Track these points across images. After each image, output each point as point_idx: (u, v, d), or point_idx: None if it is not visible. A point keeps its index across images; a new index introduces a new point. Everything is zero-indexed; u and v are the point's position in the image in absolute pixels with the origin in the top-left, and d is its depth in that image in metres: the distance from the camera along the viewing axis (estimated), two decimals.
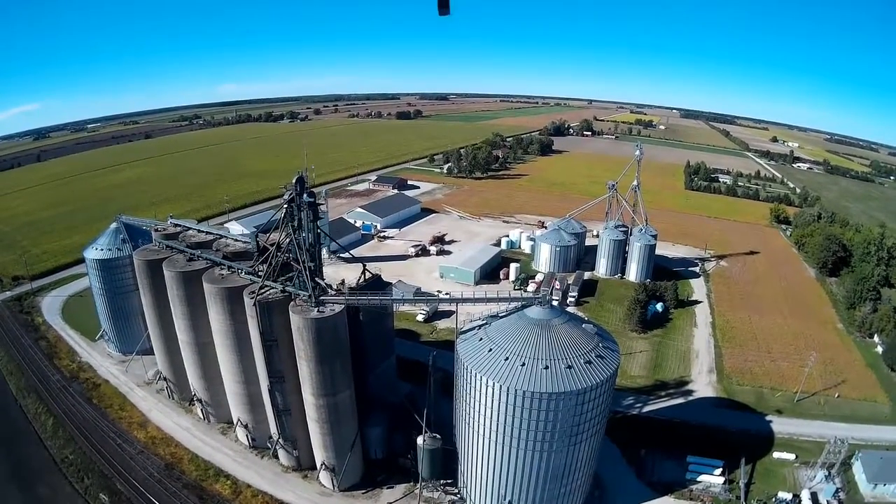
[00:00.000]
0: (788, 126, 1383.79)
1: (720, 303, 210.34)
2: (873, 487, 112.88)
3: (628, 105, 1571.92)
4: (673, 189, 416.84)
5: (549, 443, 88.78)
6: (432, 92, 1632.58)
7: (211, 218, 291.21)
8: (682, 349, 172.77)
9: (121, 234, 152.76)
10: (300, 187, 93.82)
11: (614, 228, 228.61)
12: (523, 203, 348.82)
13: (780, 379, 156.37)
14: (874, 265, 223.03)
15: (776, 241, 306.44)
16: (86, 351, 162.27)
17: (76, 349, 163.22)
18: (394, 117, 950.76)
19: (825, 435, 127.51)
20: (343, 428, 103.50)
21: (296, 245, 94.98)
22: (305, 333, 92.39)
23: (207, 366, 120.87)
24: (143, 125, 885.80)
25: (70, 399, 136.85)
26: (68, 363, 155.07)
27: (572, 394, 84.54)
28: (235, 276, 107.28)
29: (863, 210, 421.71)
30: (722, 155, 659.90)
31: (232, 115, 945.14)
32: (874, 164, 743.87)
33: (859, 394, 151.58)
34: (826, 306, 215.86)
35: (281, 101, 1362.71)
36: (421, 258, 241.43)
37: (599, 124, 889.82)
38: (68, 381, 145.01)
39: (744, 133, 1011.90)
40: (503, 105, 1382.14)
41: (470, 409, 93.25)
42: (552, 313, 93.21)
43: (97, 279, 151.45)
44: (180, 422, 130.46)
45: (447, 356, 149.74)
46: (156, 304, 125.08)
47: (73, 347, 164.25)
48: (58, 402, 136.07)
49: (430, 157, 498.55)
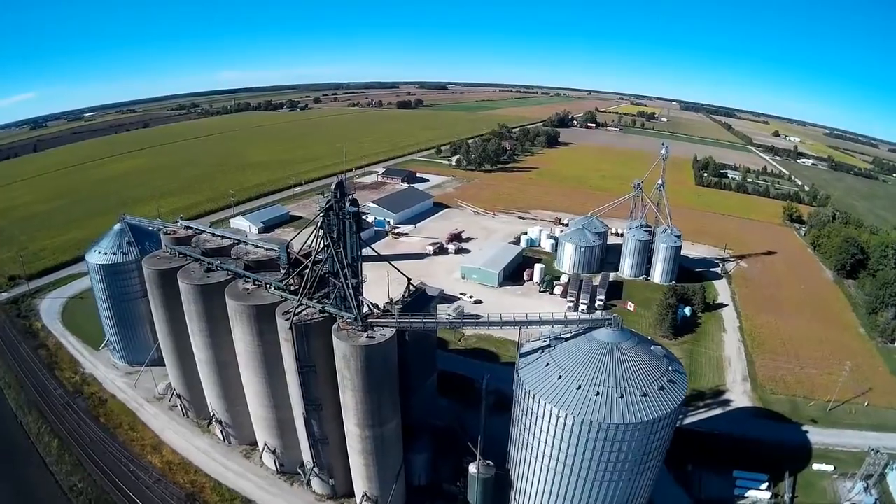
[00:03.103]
0: (788, 120, 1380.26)
1: (745, 306, 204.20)
2: None
3: (628, 96, 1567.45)
4: (683, 185, 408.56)
5: (617, 472, 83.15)
6: (431, 81, 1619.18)
7: (215, 212, 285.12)
8: (715, 356, 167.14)
9: (125, 236, 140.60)
10: (340, 193, 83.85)
11: (639, 228, 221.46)
12: (537, 197, 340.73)
13: (811, 387, 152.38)
14: (892, 267, 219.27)
15: (791, 240, 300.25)
16: (89, 361, 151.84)
17: (79, 359, 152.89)
18: (394, 107, 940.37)
19: (859, 445, 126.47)
20: (389, 458, 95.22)
21: (335, 260, 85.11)
22: (353, 362, 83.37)
23: (228, 386, 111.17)
24: (141, 114, 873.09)
25: (75, 417, 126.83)
26: (70, 375, 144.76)
27: (648, 423, 78.58)
28: (263, 292, 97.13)
29: (869, 209, 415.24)
30: (726, 149, 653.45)
31: (230, 103, 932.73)
32: (877, 161, 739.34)
33: (887, 402, 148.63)
34: (846, 310, 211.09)
35: (279, 90, 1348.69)
36: (439, 257, 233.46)
37: (602, 116, 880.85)
38: (72, 397, 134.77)
39: (745, 126, 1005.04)
40: (503, 95, 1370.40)
41: (531, 437, 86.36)
42: (622, 336, 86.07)
43: (100, 285, 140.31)
44: (197, 443, 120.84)
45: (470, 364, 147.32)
46: (168, 317, 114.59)
47: (75, 357, 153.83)
48: (62, 420, 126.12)
49: (437, 149, 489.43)
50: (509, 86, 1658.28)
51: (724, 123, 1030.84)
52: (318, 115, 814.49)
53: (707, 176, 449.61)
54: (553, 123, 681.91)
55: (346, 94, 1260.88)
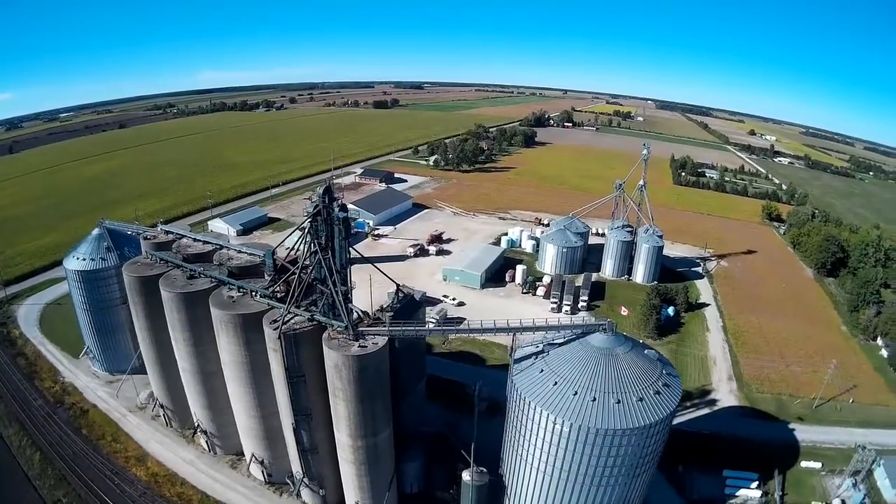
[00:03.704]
0: (764, 119, 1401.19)
1: (727, 305, 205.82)
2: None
3: (604, 95, 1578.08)
4: (661, 184, 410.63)
5: (614, 477, 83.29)
6: (407, 80, 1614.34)
7: (193, 214, 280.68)
8: (700, 356, 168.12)
9: (104, 241, 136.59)
10: (328, 198, 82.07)
11: (621, 229, 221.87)
12: (516, 198, 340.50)
13: (797, 385, 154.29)
14: (871, 266, 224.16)
15: (771, 239, 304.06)
16: (69, 370, 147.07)
17: (58, 367, 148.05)
18: (371, 106, 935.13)
19: (846, 442, 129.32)
20: (381, 467, 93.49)
21: (325, 267, 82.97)
22: (345, 372, 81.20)
23: (213, 395, 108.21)
24: (117, 114, 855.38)
25: (56, 429, 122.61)
26: (51, 385, 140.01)
27: (645, 428, 78.68)
28: (248, 300, 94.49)
29: (847, 207, 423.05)
30: (703, 148, 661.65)
31: (206, 103, 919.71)
32: (853, 160, 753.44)
33: (871, 398, 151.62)
34: (828, 308, 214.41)
35: (255, 90, 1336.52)
36: (420, 259, 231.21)
37: (579, 115, 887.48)
38: (52, 407, 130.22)
39: (721, 125, 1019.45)
40: (479, 94, 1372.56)
41: (526, 444, 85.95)
42: (616, 340, 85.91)
43: (79, 292, 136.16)
44: (183, 454, 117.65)
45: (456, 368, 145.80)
46: (150, 326, 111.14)
47: (54, 366, 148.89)
48: (43, 432, 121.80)
49: (414, 149, 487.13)
50: (485, 85, 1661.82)
51: (700, 122, 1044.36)
52: (294, 116, 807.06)
53: (685, 175, 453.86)
54: (530, 123, 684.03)
55: (321, 93, 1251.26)
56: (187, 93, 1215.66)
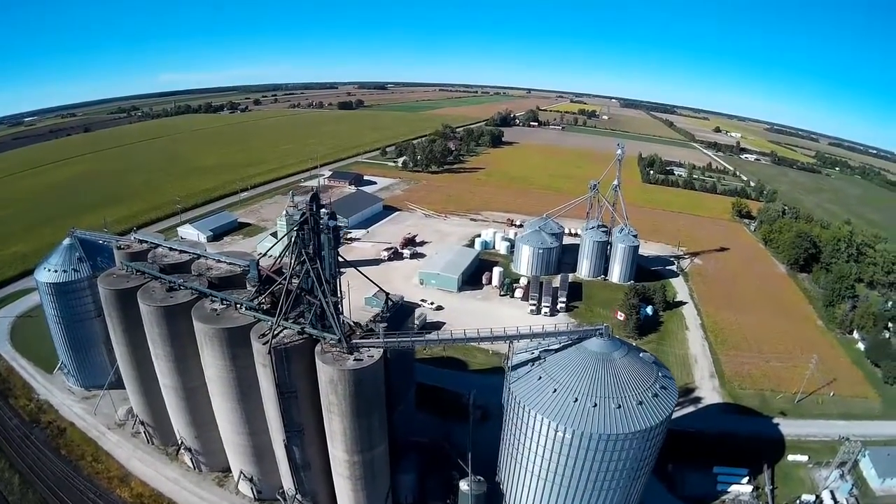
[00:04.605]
0: (728, 116, 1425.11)
1: (704, 303, 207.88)
2: (882, 482, 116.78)
3: (567, 94, 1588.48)
4: (630, 183, 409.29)
5: (615, 481, 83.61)
6: (370, 81, 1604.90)
7: (162, 220, 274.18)
8: (680, 354, 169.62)
9: (76, 251, 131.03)
10: (316, 206, 79.43)
11: (597, 229, 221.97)
12: (487, 199, 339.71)
13: (778, 380, 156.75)
14: (844, 261, 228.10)
15: (742, 236, 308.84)
16: (43, 386, 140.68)
17: (32, 384, 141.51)
18: (336, 107, 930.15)
19: (829, 434, 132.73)
20: (378, 481, 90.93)
21: (314, 277, 79.90)
22: (341, 386, 78.18)
23: (197, 411, 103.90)
24: (81, 118, 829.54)
25: (34, 450, 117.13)
26: (25, 402, 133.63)
27: (646, 431, 78.93)
28: (233, 312, 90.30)
29: (816, 203, 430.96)
30: (670, 146, 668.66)
31: (171, 105, 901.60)
32: (819, 156, 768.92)
33: (851, 391, 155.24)
34: (803, 303, 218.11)
35: (219, 91, 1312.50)
36: (394, 262, 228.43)
37: (544, 114, 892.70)
38: (29, 427, 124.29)
39: (687, 123, 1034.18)
40: (443, 94, 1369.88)
41: (525, 451, 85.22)
42: (612, 345, 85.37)
43: (51, 305, 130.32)
44: (167, 472, 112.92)
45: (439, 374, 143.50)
46: (128, 341, 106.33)
47: (28, 382, 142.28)
48: (21, 454, 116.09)
49: (382, 150, 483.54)
50: (448, 85, 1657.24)
51: (665, 120, 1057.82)
52: (260, 117, 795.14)
53: (653, 174, 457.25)
54: (496, 123, 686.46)
55: (285, 95, 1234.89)
56: (150, 95, 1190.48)
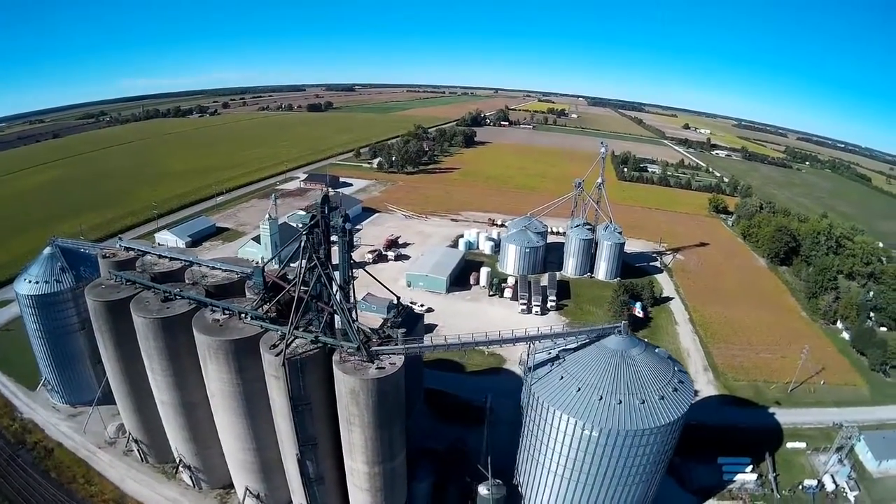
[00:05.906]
0: (696, 112, 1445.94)
1: (690, 298, 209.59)
2: (878, 464, 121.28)
3: (535, 93, 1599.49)
4: (606, 180, 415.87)
5: (639, 475, 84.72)
6: (337, 83, 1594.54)
7: (139, 225, 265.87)
8: (672, 348, 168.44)
9: (57, 261, 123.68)
10: (327, 208, 76.28)
11: (582, 227, 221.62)
12: (465, 199, 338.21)
13: (769, 371, 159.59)
14: (823, 253, 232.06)
15: (720, 231, 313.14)
16: (26, 404, 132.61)
17: (14, 402, 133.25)
18: (305, 109, 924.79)
19: (824, 421, 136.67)
20: (397, 492, 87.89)
21: (326, 283, 76.53)
22: (363, 397, 74.62)
23: (197, 428, 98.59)
24: (50, 124, 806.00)
25: (22, 474, 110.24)
26: (9, 423, 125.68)
27: (670, 424, 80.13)
28: (238, 322, 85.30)
29: (789, 197, 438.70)
30: (641, 143, 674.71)
31: (139, 110, 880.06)
32: (789, 151, 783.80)
33: (840, 379, 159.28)
34: (785, 295, 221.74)
35: (187, 95, 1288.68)
36: (379, 264, 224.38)
37: (514, 114, 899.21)
38: (14, 449, 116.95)
39: (656, 120, 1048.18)
40: (411, 95, 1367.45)
41: (549, 452, 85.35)
42: (630, 342, 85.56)
43: (32, 318, 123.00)
44: (165, 492, 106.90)
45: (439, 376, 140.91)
46: (120, 355, 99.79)
47: (10, 400, 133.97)
48: (8, 478, 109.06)
49: (356, 152, 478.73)
50: (416, 86, 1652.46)
51: (634, 118, 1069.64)
52: (230, 121, 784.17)
53: (628, 171, 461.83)
54: (467, 123, 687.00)
55: (254, 98, 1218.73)
56: (118, 100, 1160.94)
